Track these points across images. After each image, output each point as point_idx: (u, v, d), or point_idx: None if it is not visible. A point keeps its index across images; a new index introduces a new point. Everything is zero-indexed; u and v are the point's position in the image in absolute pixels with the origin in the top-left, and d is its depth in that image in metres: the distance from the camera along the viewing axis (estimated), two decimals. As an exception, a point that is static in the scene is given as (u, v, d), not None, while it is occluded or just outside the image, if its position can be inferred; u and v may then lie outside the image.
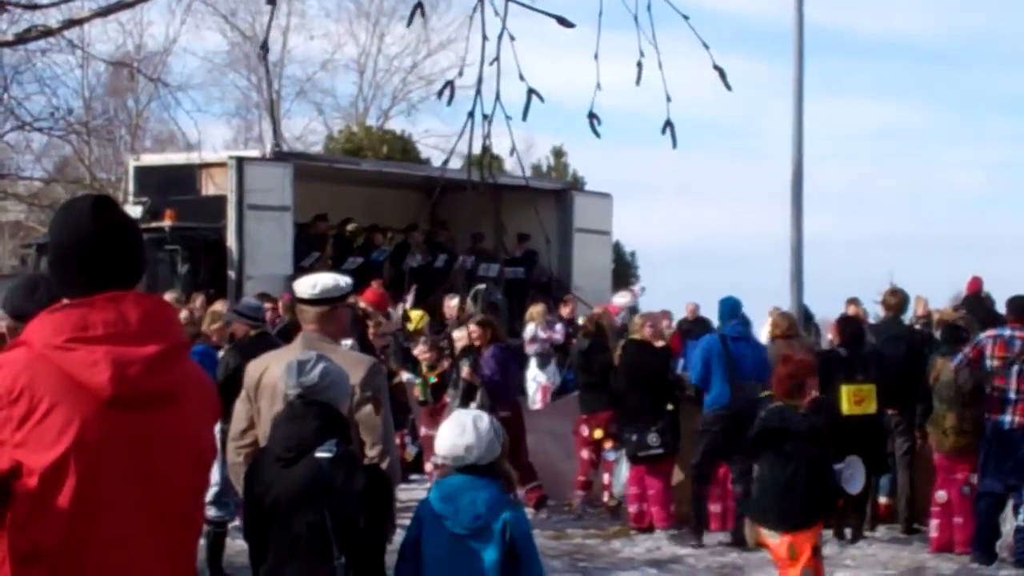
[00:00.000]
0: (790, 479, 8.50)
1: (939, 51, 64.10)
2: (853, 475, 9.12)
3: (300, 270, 16.83)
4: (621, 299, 18.22)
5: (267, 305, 13.72)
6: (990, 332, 11.83)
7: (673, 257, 59.84)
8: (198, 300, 15.54)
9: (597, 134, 4.17)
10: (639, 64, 4.24)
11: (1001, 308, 13.51)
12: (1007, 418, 11.50)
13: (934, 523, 12.25)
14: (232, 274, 18.32)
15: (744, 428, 12.15)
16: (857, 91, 68.35)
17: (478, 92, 3.95)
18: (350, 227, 21.59)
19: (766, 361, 12.14)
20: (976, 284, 15.93)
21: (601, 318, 14.76)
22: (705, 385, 12.49)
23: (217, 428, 4.45)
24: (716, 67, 4.29)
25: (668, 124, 4.29)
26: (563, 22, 3.99)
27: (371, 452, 6.29)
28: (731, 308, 13.00)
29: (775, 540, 8.57)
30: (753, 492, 9.33)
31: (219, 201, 18.91)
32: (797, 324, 14.36)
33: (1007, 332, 11.71)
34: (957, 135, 64.35)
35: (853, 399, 11.96)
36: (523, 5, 4.04)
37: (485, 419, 5.83)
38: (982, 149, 66.01)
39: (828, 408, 11.38)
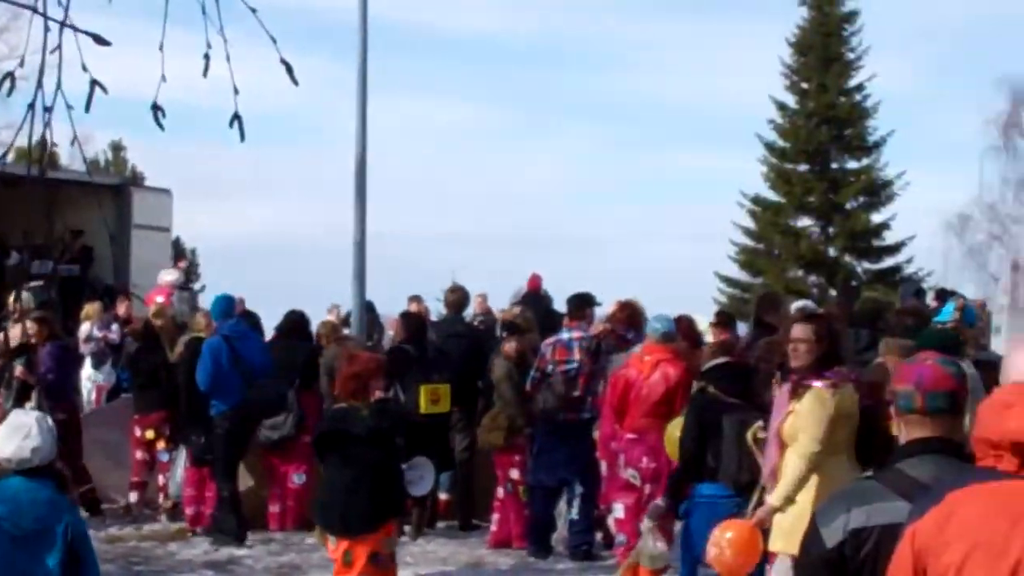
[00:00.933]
0: (351, 483, 8.41)
1: (510, 51, 66.43)
2: (421, 476, 9.10)
3: None
4: (168, 276, 17.70)
5: None
6: (549, 340, 12.14)
7: (238, 253, 59.27)
8: None
9: (161, 127, 4.09)
10: (207, 56, 4.20)
11: (560, 306, 13.95)
12: (559, 415, 11.82)
13: (493, 518, 12.50)
14: None
15: (254, 425, 12.49)
16: (428, 88, 69.77)
17: (39, 84, 3.78)
18: None
19: (271, 358, 12.71)
20: (536, 282, 16.37)
21: (155, 317, 14.33)
22: (216, 386, 12.30)
23: None
24: (283, 61, 4.27)
25: (236, 117, 4.27)
26: (99, 40, 3.82)
27: None
28: (225, 307, 12.90)
29: (333, 544, 8.44)
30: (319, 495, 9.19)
31: None
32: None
33: (564, 336, 12.05)
34: (525, 134, 66.82)
35: (430, 398, 12.04)
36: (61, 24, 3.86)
37: (47, 420, 5.81)
38: (548, 149, 68.67)
39: (395, 408, 11.38)
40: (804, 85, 40.65)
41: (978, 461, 3.30)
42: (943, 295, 14.88)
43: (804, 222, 40.85)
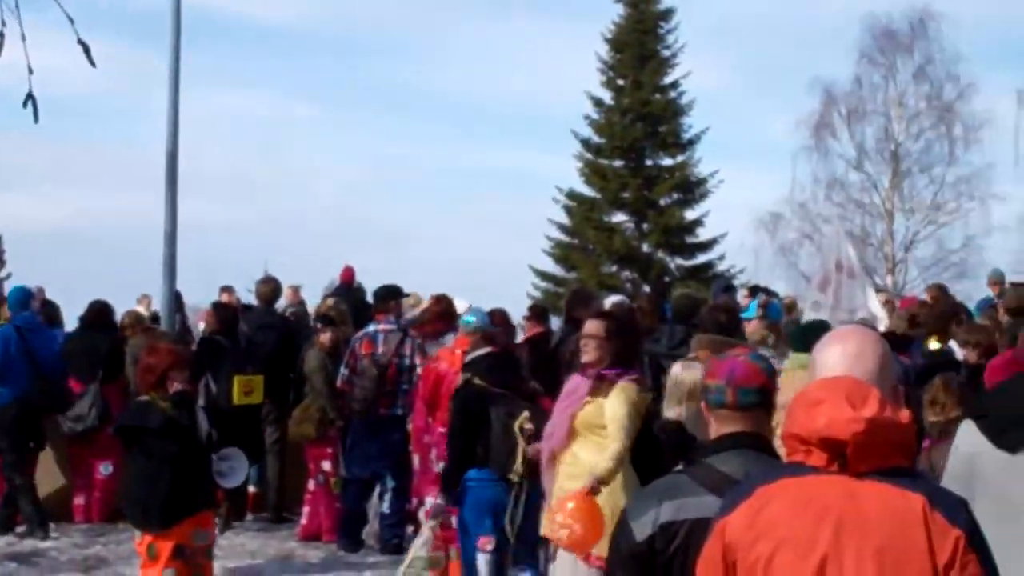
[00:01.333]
0: (151, 476, 8.27)
1: (323, 43, 65.80)
2: (233, 468, 8.97)
3: None
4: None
5: None
6: (359, 333, 12.07)
7: (48, 242, 57.85)
8: None
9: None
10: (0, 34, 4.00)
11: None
12: (371, 408, 11.78)
13: (304, 511, 12.41)
14: None
15: (41, 416, 12.33)
16: (240, 79, 68.77)
17: None
18: None
19: (64, 351, 12.75)
20: (349, 274, 16.27)
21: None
22: (1, 375, 12.10)
23: None
24: (80, 42, 4.12)
25: (29, 97, 4.10)
26: None
27: None
28: (19, 298, 12.81)
29: (138, 538, 8.28)
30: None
31: None
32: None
33: (371, 328, 11.99)
34: (337, 126, 66.32)
35: (243, 390, 11.91)
36: None
37: None
38: (360, 142, 68.31)
39: (202, 399, 11.22)
40: (620, 82, 40.96)
41: (788, 456, 3.35)
42: (756, 292, 15.14)
43: (619, 218, 41.11)
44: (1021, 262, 16.91)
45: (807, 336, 8.95)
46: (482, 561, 8.69)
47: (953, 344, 10.48)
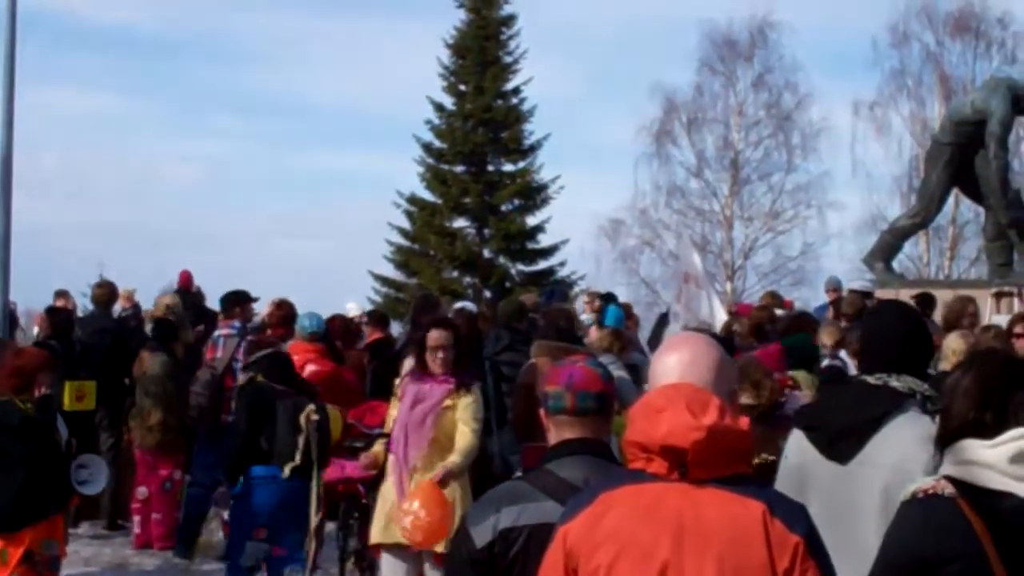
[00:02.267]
0: (5, 479, 8.14)
1: (159, 44, 64.64)
2: (92, 475, 8.88)
3: None
4: None
5: None
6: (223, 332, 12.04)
7: None
8: None
9: None
10: None
11: (213, 303, 13.79)
12: (213, 414, 11.70)
13: (136, 519, 12.28)
14: None
15: None
16: (77, 78, 67.35)
17: None
18: None
19: None
20: (186, 277, 16.07)
21: None
22: None
23: None
24: None
25: None
26: None
27: None
28: None
29: None
30: None
31: None
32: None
33: (216, 334, 11.95)
34: (174, 127, 65.17)
35: (74, 395, 11.70)
36: None
37: None
38: (199, 144, 67.28)
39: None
40: (462, 87, 40.89)
41: (629, 463, 3.38)
42: (606, 298, 15.33)
43: (460, 223, 40.99)
44: (858, 269, 17.40)
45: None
46: (252, 551, 8.92)
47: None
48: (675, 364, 3.46)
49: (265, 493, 8.90)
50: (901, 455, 4.67)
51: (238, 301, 12.27)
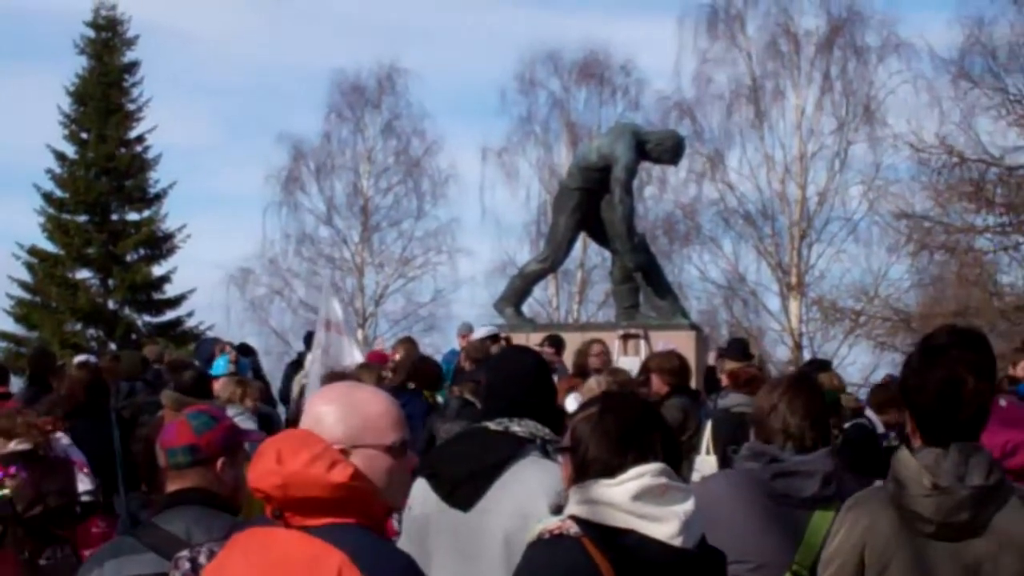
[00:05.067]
0: None
1: None
2: None
3: None
4: None
5: None
6: None
7: None
8: None
9: None
10: None
11: None
12: None
13: None
14: None
15: None
16: None
17: None
18: None
19: None
20: None
21: None
22: None
23: None
24: None
25: None
26: None
27: None
28: None
29: None
30: None
31: None
32: None
33: None
34: None
35: None
36: None
37: None
38: None
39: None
40: (84, 135, 39.87)
41: None
42: (245, 350, 15.09)
43: (83, 274, 39.90)
44: (489, 314, 17.57)
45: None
46: None
47: None
48: (325, 414, 3.38)
49: None
50: (522, 501, 4.73)
51: None
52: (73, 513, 8.72)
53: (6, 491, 7.97)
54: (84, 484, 9.06)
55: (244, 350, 15.04)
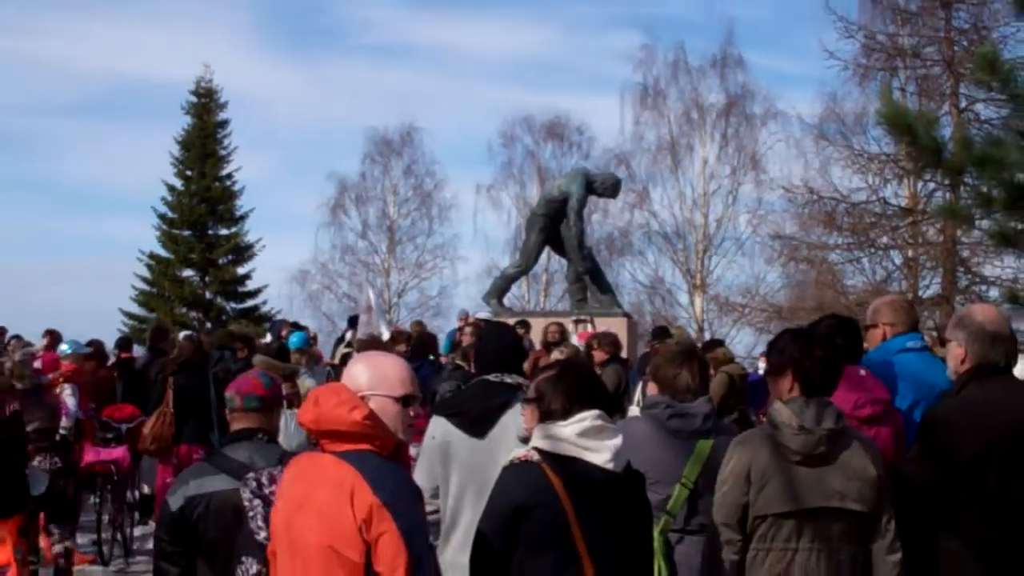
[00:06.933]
0: None
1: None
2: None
3: None
4: None
5: None
6: None
7: None
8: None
9: None
10: None
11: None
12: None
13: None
14: None
15: None
16: None
17: None
18: None
19: None
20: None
21: None
22: None
23: None
24: None
25: None
26: None
27: None
28: None
29: None
30: None
31: None
32: None
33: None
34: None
35: None
36: None
37: None
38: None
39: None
40: (188, 173, 39.84)
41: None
42: (298, 327, 15.07)
43: (187, 273, 39.94)
44: (479, 304, 17.65)
45: None
46: None
47: None
48: (357, 370, 3.42)
49: None
50: (520, 430, 4.66)
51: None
52: (53, 438, 8.73)
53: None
54: (64, 423, 9.06)
55: (297, 327, 15.01)
